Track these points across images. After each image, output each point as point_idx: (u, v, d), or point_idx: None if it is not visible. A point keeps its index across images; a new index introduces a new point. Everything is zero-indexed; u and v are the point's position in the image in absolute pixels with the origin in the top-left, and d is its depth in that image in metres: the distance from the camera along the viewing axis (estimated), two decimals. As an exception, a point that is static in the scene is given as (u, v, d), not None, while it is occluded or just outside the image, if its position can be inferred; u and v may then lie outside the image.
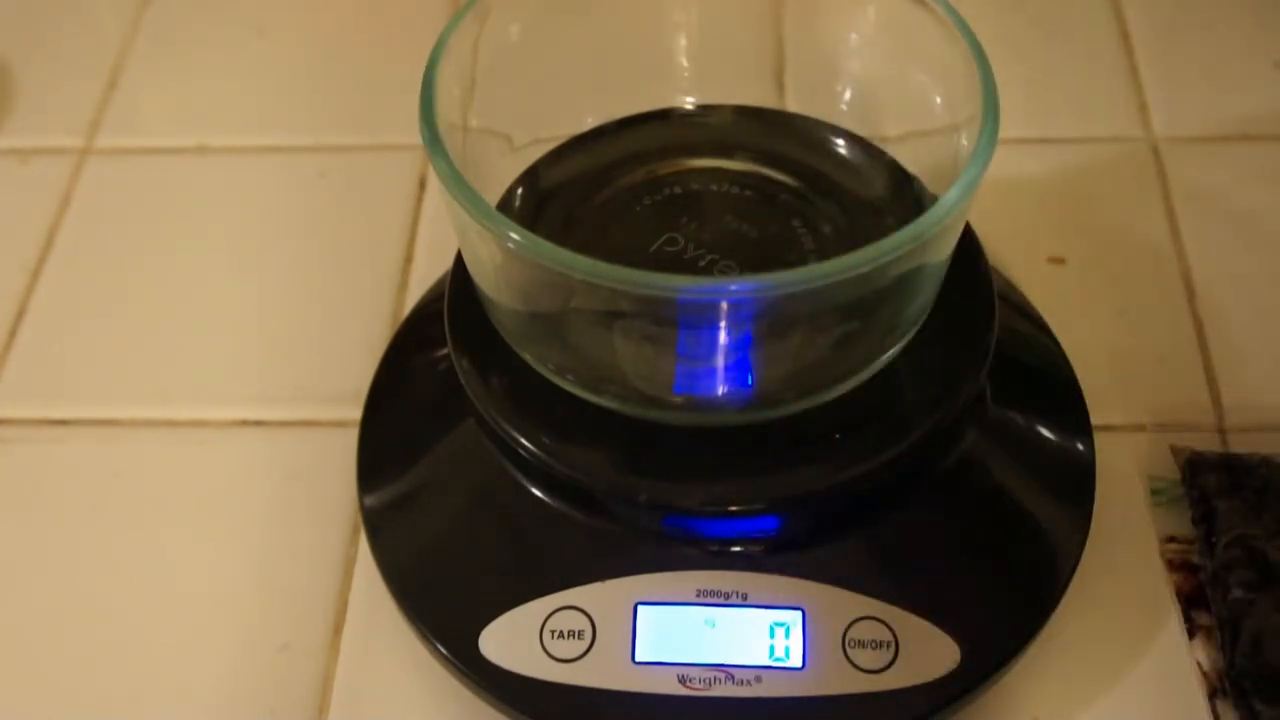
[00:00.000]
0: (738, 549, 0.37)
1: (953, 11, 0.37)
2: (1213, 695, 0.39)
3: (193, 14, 0.63)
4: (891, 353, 0.37)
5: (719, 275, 0.38)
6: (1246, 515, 0.41)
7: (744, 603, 0.36)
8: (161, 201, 0.55)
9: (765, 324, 0.35)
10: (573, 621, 0.36)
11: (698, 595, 0.36)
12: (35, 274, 0.52)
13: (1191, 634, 0.40)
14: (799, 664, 0.36)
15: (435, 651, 0.37)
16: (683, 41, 0.45)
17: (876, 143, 0.42)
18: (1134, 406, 0.45)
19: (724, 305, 0.33)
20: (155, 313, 0.51)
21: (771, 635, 0.36)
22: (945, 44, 0.37)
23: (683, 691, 0.35)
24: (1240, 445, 0.44)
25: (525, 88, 0.42)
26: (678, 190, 0.42)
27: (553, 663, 0.36)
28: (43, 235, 0.53)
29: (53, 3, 0.64)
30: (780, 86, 0.49)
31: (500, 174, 0.42)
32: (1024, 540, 0.39)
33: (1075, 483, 0.40)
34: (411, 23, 0.61)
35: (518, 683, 0.36)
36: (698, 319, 0.34)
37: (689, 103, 0.45)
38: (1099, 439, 0.42)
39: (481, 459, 0.39)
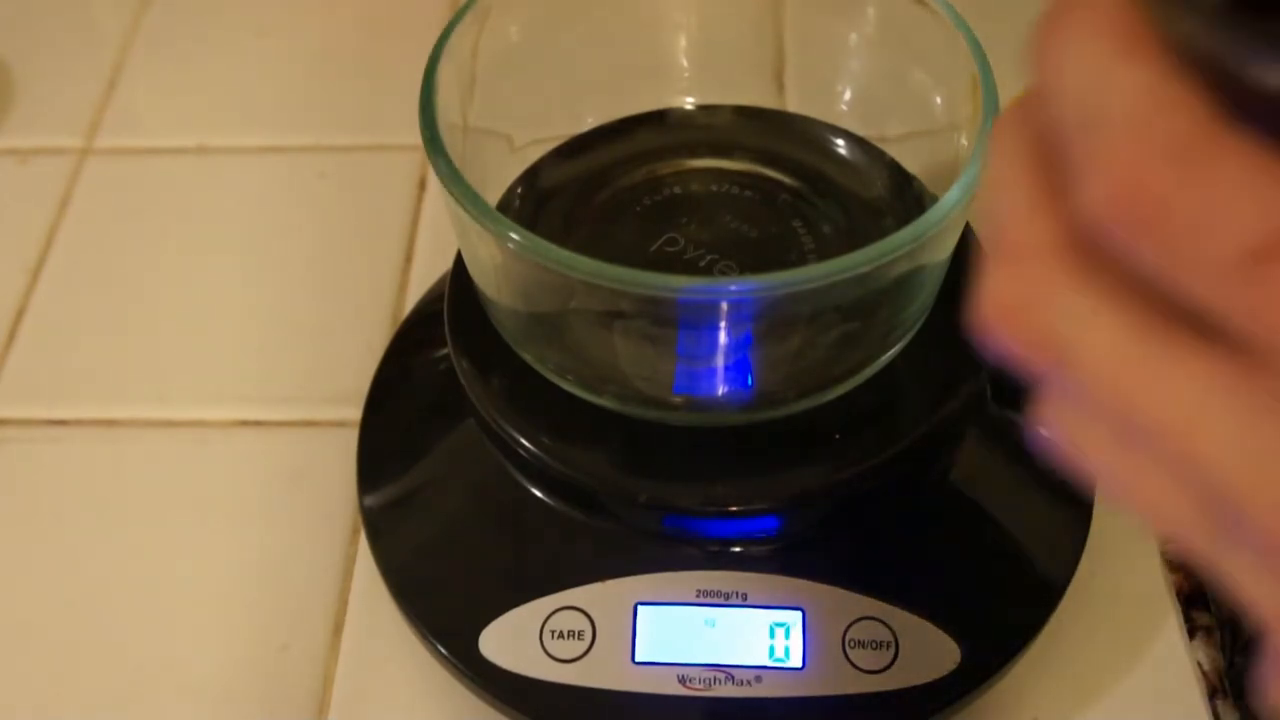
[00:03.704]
0: (738, 549, 0.37)
1: (953, 11, 0.37)
2: (1213, 695, 0.39)
3: (193, 14, 0.63)
4: (891, 353, 0.37)
5: (719, 275, 0.38)
6: (1246, 515, 0.41)
7: (744, 603, 0.36)
8: (161, 201, 0.55)
9: (765, 324, 0.35)
10: (573, 621, 0.36)
11: (698, 595, 0.36)
12: (35, 274, 0.52)
13: (1191, 634, 0.40)
14: (799, 664, 0.36)
15: (435, 651, 0.37)
16: (683, 41, 0.45)
17: (876, 143, 0.42)
18: (1134, 406, 0.45)
19: (724, 305, 0.33)
20: (155, 313, 0.51)
21: (771, 635, 0.36)
22: (945, 44, 0.37)
23: (683, 691, 0.35)
24: (1240, 445, 0.44)
25: (525, 88, 0.42)
26: (677, 190, 0.42)
27: (553, 663, 0.36)
28: (43, 235, 0.54)
29: (53, 3, 0.64)
30: (780, 86, 0.49)
31: (500, 174, 0.42)
32: (1024, 540, 0.39)
33: (1075, 483, 0.40)
34: (411, 23, 0.61)
35: (518, 683, 0.36)
36: (698, 319, 0.34)
37: (689, 103, 0.45)
38: (1099, 439, 0.41)
39: (481, 459, 0.39)
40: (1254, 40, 0.16)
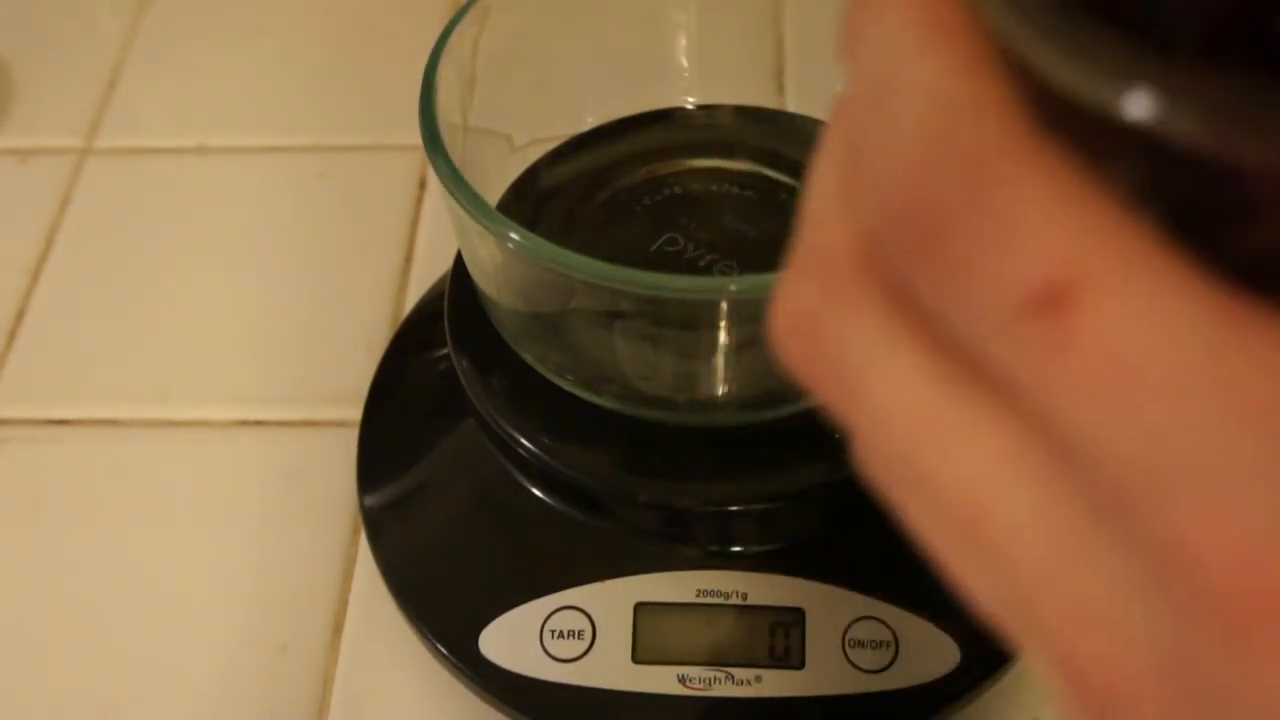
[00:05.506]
0: (738, 549, 0.37)
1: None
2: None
3: (193, 14, 0.63)
4: (892, 353, 0.36)
5: (719, 275, 0.38)
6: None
7: (744, 603, 0.36)
8: (161, 201, 0.55)
9: (765, 324, 0.35)
10: (573, 621, 0.36)
11: (698, 595, 0.36)
12: (35, 274, 0.52)
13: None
14: (799, 664, 0.36)
15: (435, 651, 0.37)
16: (683, 41, 0.45)
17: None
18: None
19: (724, 305, 0.33)
20: (155, 313, 0.51)
21: (771, 635, 0.36)
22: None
23: (683, 691, 0.35)
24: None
25: (525, 88, 0.42)
26: (678, 190, 0.42)
27: (553, 663, 0.36)
28: (43, 235, 0.54)
29: (53, 3, 0.64)
30: (780, 86, 0.49)
31: (500, 174, 0.42)
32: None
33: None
34: (411, 23, 0.61)
35: (518, 683, 0.36)
36: (698, 319, 0.34)
37: (689, 103, 0.45)
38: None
39: (481, 459, 0.39)
40: (1073, 43, 0.13)
